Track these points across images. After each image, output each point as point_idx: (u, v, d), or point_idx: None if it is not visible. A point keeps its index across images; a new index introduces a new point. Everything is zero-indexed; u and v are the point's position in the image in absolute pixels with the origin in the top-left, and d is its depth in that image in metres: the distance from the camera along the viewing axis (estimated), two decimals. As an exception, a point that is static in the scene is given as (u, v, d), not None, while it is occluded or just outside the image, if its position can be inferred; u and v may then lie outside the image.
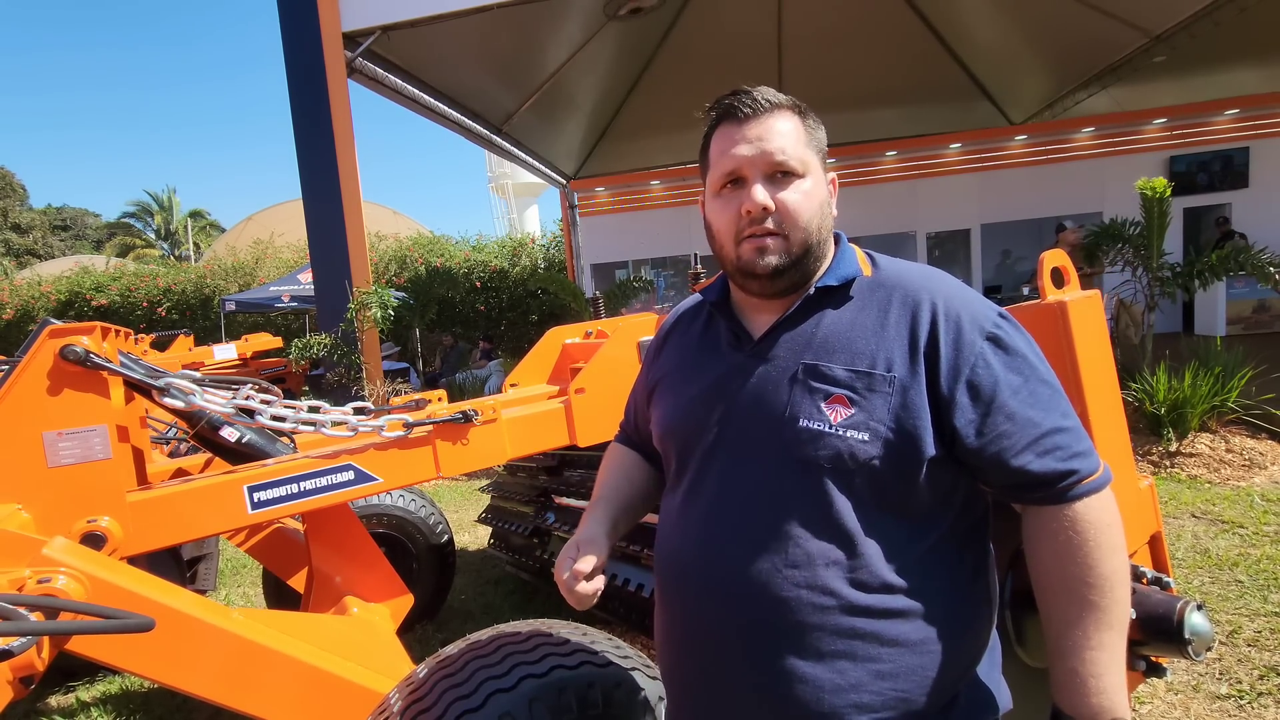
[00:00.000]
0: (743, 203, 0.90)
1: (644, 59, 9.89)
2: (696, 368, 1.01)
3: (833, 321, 0.91)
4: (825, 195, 0.93)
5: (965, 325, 0.86)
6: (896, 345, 0.86)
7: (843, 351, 0.88)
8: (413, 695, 1.22)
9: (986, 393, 0.84)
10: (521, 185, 28.31)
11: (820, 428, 0.85)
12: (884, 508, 0.85)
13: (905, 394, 0.84)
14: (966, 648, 0.89)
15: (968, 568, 0.90)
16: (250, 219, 21.88)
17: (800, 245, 0.90)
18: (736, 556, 0.87)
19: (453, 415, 1.82)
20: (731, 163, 0.91)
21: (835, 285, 0.92)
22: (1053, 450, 0.83)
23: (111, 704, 2.63)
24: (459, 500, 5.28)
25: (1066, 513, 0.83)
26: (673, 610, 0.96)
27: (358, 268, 6.69)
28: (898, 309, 0.89)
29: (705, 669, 0.92)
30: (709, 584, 0.90)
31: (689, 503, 0.94)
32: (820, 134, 0.95)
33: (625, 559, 2.44)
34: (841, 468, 0.84)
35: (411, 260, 13.05)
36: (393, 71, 7.06)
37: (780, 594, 0.84)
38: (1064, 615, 0.83)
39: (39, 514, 1.41)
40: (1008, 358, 0.85)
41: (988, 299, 0.92)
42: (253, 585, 3.77)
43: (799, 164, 0.89)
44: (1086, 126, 10.27)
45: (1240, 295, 9.38)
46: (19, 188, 33.00)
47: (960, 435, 0.84)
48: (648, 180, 11.83)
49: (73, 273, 15.10)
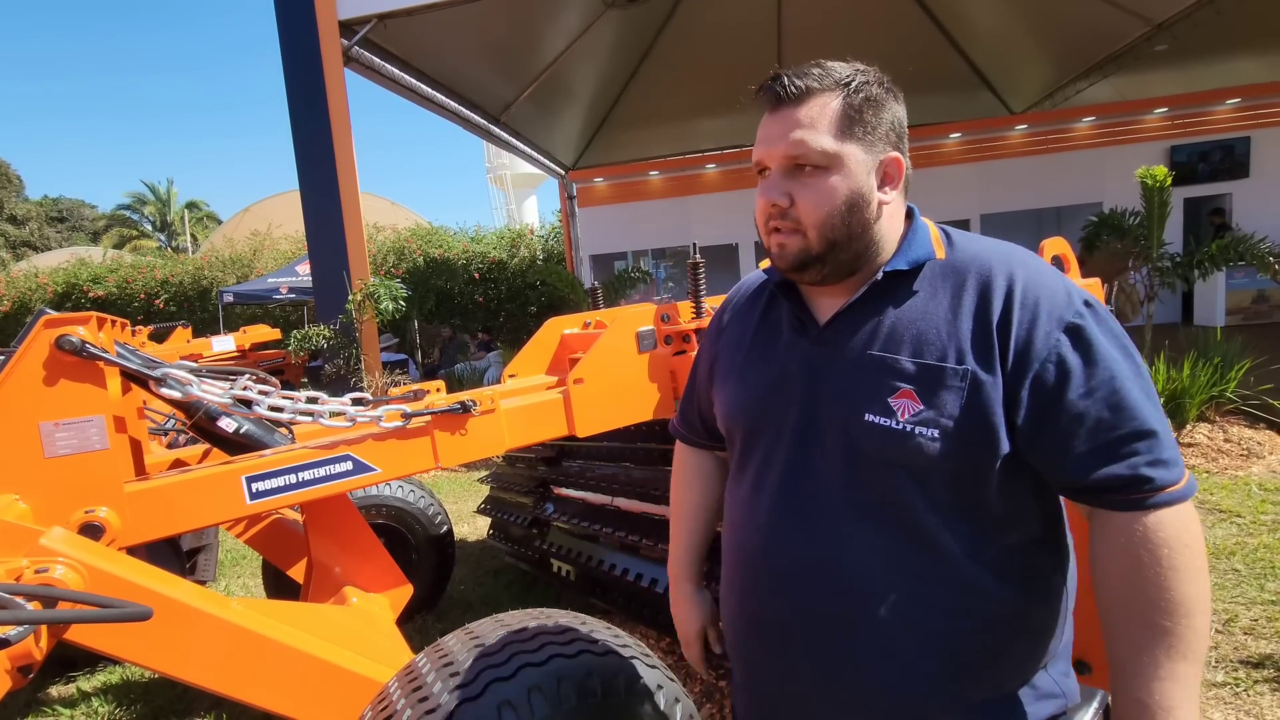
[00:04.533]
0: (763, 195, 0.88)
1: (643, 48, 9.81)
2: (759, 353, 0.98)
3: (902, 309, 0.85)
4: (861, 186, 0.84)
5: (1042, 313, 0.79)
6: (969, 335, 0.81)
7: (911, 342, 0.83)
8: (412, 685, 1.22)
9: (1052, 390, 0.77)
10: (520, 176, 28.22)
11: (887, 424, 0.81)
12: (956, 505, 0.81)
13: (977, 388, 0.78)
14: (1037, 647, 0.85)
15: (1045, 567, 0.86)
16: (247, 210, 21.80)
17: (822, 242, 0.85)
18: (801, 548, 0.86)
19: (451, 405, 1.82)
20: (757, 153, 0.88)
21: (905, 269, 0.86)
22: (1126, 456, 0.75)
23: (112, 694, 2.64)
24: (458, 491, 5.28)
25: (1138, 525, 0.75)
26: (740, 596, 0.96)
27: (356, 259, 6.67)
28: (971, 295, 0.83)
29: (771, 655, 0.92)
30: (774, 574, 0.89)
31: (755, 493, 0.93)
32: (879, 114, 0.85)
33: (625, 549, 2.45)
34: (909, 465, 0.80)
35: (409, 252, 13.01)
36: (390, 60, 7.01)
37: (843, 586, 0.83)
38: (1129, 638, 0.76)
39: (36, 504, 1.40)
40: (1086, 352, 0.78)
41: (1074, 283, 0.84)
42: (252, 576, 3.78)
43: (820, 157, 0.83)
44: (1087, 116, 10.23)
45: (1240, 286, 9.38)
46: (15, 178, 32.81)
47: (1020, 433, 0.79)
48: (647, 171, 11.79)
49: (69, 265, 15.05)
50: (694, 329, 2.19)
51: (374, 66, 6.83)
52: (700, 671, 0.97)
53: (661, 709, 1.27)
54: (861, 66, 0.87)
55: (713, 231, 11.33)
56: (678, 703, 1.30)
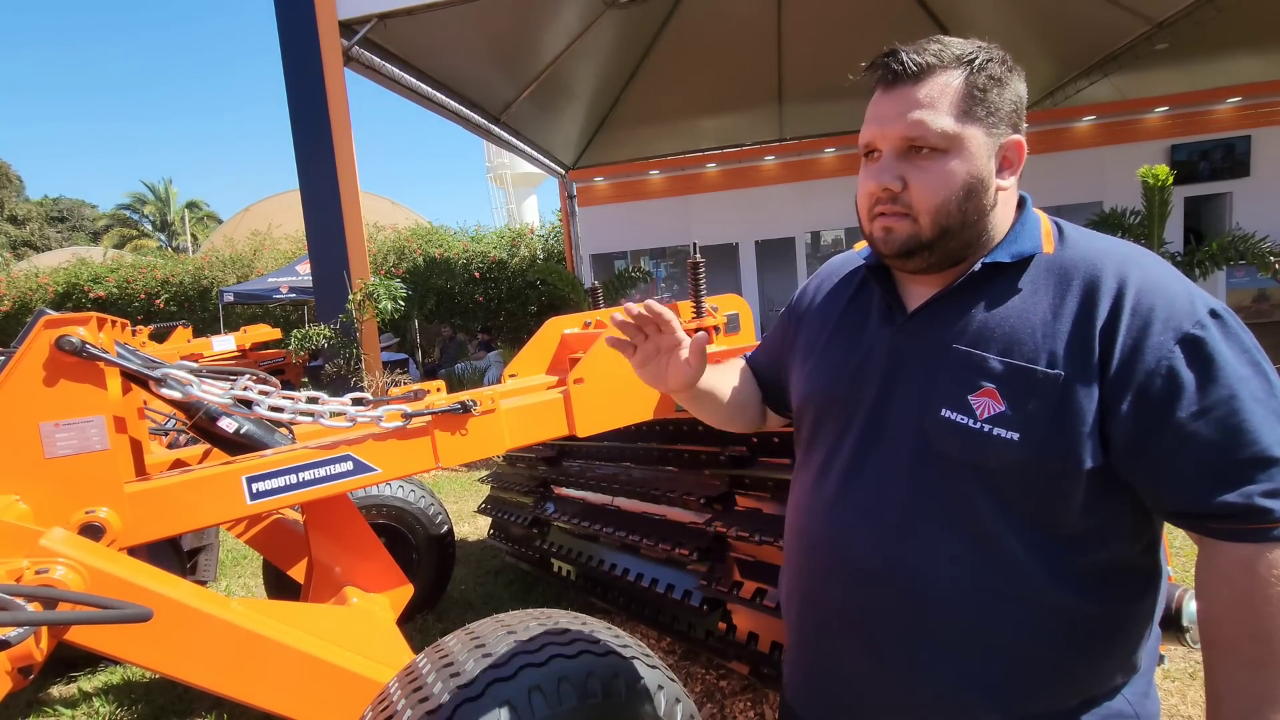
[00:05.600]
0: (873, 178, 0.82)
1: (643, 47, 9.80)
2: (843, 335, 0.94)
3: (998, 304, 0.80)
4: (980, 170, 0.79)
5: (1156, 322, 0.72)
6: (1068, 339, 0.75)
7: (1002, 340, 0.78)
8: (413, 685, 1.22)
9: (1159, 406, 0.71)
10: (520, 175, 28.20)
11: (964, 421, 0.77)
12: (1032, 514, 0.76)
13: (1069, 397, 0.73)
14: (1114, 670, 0.81)
15: (1134, 591, 0.81)
16: (247, 210, 21.80)
17: (934, 228, 0.80)
18: (864, 540, 0.84)
19: (451, 405, 1.82)
20: (867, 134, 0.82)
21: (1007, 262, 0.81)
22: (1240, 484, 0.69)
23: (113, 694, 2.64)
24: (459, 491, 5.28)
25: (1249, 557, 0.70)
26: (800, 582, 0.95)
27: (356, 259, 6.67)
28: (1075, 296, 0.77)
29: (827, 644, 0.91)
30: (835, 565, 0.87)
31: (821, 479, 0.91)
32: (1002, 93, 0.80)
33: (625, 549, 2.45)
34: (983, 466, 0.76)
35: (410, 251, 13.01)
36: (390, 60, 7.00)
37: (905, 583, 0.80)
38: (1229, 674, 0.72)
39: (37, 504, 1.40)
40: (1204, 367, 0.70)
41: (1201, 290, 0.77)
42: (253, 576, 3.78)
43: (940, 139, 0.78)
44: (1087, 115, 10.21)
45: (1240, 285, 9.40)
46: (15, 179, 32.82)
47: (1116, 449, 0.73)
48: (647, 170, 11.78)
49: (70, 264, 15.05)
50: (694, 329, 2.19)
51: (374, 66, 6.82)
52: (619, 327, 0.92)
53: (661, 710, 1.27)
54: (982, 43, 0.81)
55: (713, 231, 11.32)
56: (678, 703, 1.30)
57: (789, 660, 1.02)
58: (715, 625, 2.05)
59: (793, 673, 1.01)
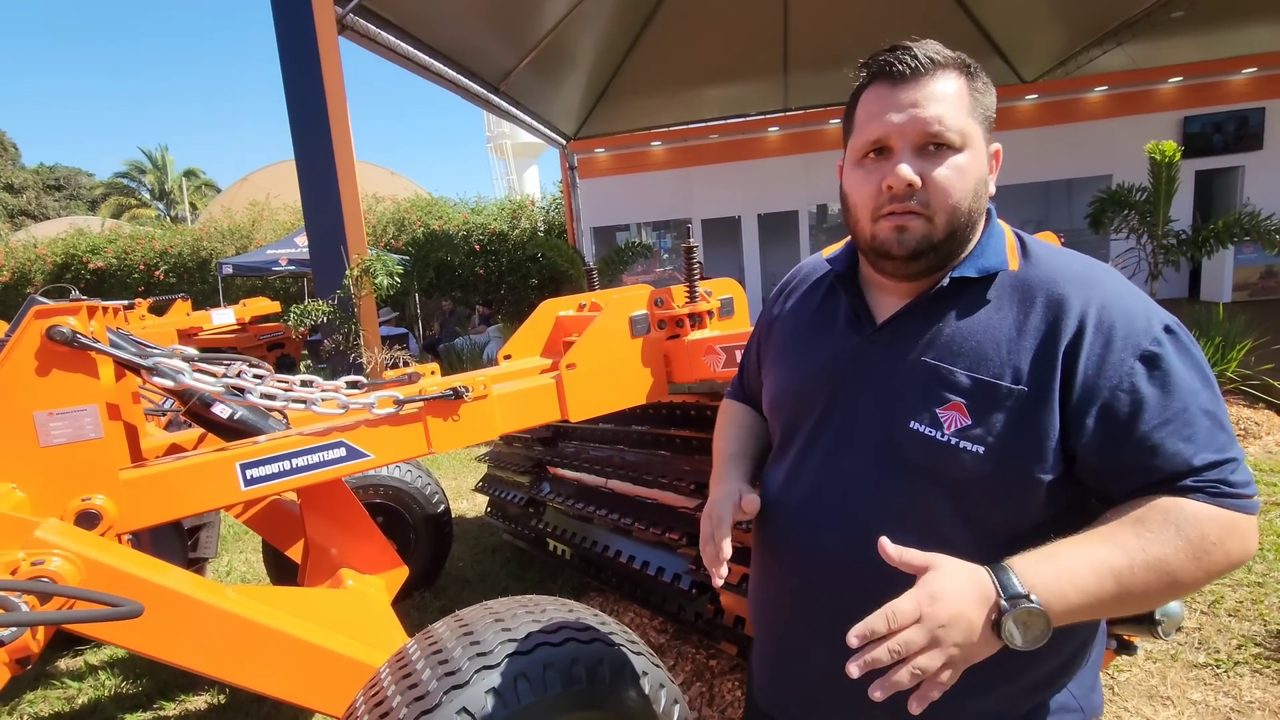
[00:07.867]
0: (885, 176, 0.80)
1: (645, 15, 9.55)
2: (810, 341, 0.96)
3: (964, 319, 0.82)
4: (983, 171, 0.81)
5: (1116, 339, 0.75)
6: (1032, 356, 0.77)
7: (970, 355, 0.80)
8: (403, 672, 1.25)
9: (1124, 420, 0.74)
10: (521, 145, 27.83)
11: (932, 434, 0.79)
12: (990, 520, 0.80)
13: (1032, 412, 0.76)
14: (1060, 668, 0.85)
15: None
16: (246, 179, 21.62)
17: (945, 228, 0.80)
18: (829, 542, 0.86)
19: (443, 392, 1.82)
20: (879, 129, 0.81)
21: (973, 278, 0.83)
22: (1204, 487, 0.73)
23: (119, 668, 2.72)
24: (456, 468, 5.34)
25: (1173, 502, 0.73)
26: (768, 582, 0.98)
27: (353, 233, 6.61)
28: (1040, 315, 0.79)
29: (791, 644, 0.94)
30: (801, 565, 0.90)
31: (790, 481, 0.93)
32: (989, 99, 0.83)
33: (618, 531, 2.48)
34: (948, 477, 0.79)
35: (409, 223, 12.91)
36: (386, 28, 6.84)
37: (866, 587, 0.82)
38: (1103, 529, 0.74)
39: (33, 492, 1.43)
40: (1162, 380, 0.74)
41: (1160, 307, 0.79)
42: (254, 551, 3.85)
43: (957, 136, 0.78)
44: (1099, 85, 9.99)
45: (1248, 261, 9.29)
46: (10, 146, 32.49)
47: (1081, 460, 0.77)
48: (649, 141, 11.60)
49: (68, 235, 14.98)
50: (687, 314, 2.19)
51: (370, 35, 6.67)
52: (711, 569, 0.91)
53: (646, 693, 1.30)
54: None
55: (715, 204, 11.19)
56: (663, 688, 1.34)
57: (756, 656, 1.05)
58: (704, 608, 2.09)
59: (759, 669, 1.04)
